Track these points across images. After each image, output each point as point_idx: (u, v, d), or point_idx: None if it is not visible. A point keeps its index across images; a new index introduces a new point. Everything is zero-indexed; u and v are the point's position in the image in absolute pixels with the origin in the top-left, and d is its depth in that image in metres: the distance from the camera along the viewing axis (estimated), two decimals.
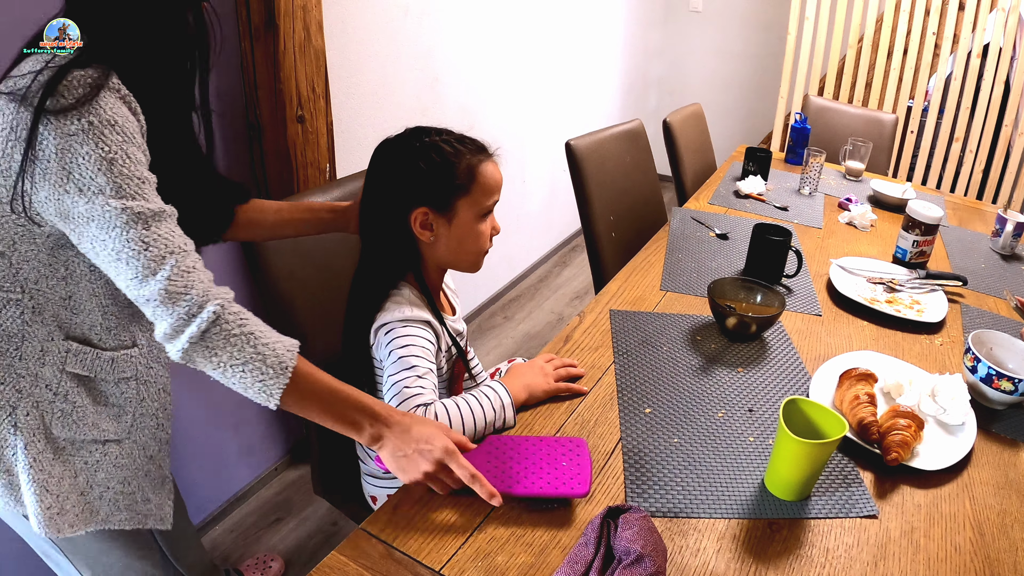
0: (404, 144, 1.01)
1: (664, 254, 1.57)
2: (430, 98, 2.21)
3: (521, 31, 2.67)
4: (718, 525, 0.84)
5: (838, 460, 0.96)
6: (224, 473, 1.78)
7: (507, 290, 3.06)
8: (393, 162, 1.01)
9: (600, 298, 1.35)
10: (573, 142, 1.73)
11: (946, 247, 1.80)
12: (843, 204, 2.00)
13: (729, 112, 4.10)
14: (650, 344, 1.20)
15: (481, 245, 1.05)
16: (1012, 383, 1.04)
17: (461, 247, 1.04)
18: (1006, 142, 3.22)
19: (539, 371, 1.06)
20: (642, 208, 1.99)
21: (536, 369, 1.06)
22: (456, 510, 0.82)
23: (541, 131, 3.02)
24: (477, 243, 1.05)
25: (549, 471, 0.85)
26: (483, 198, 1.01)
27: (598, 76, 3.49)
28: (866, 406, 1.00)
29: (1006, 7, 3.02)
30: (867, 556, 0.81)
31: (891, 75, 3.31)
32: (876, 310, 1.37)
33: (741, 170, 2.14)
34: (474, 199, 1.01)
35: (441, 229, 1.01)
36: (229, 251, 1.60)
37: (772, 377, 1.14)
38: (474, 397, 0.97)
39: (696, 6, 3.99)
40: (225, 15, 1.43)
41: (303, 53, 1.52)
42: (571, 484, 0.83)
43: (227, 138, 1.52)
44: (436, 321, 1.04)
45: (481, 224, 1.04)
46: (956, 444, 1.00)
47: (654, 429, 0.99)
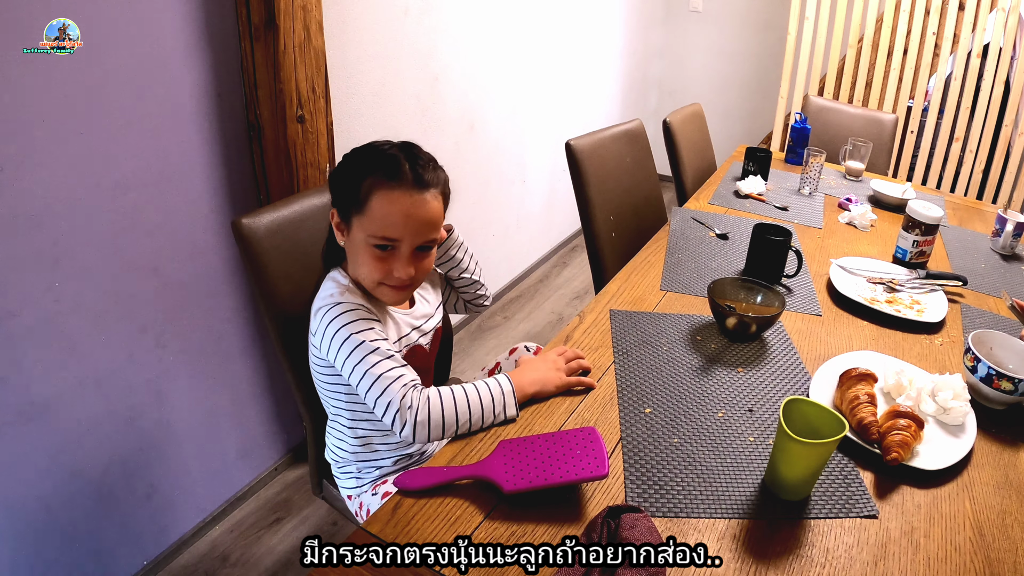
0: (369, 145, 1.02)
1: (664, 254, 1.57)
2: (430, 98, 2.21)
3: (521, 31, 2.67)
4: (718, 525, 0.84)
5: (838, 460, 0.96)
6: (224, 473, 1.78)
7: (507, 290, 3.06)
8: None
9: (600, 298, 1.35)
10: (573, 142, 1.73)
11: (946, 247, 1.80)
12: (843, 204, 2.00)
13: (729, 112, 4.11)
14: (650, 344, 1.20)
15: (369, 273, 1.00)
16: (1012, 383, 1.04)
17: (356, 265, 1.02)
18: (1006, 142, 3.22)
19: (551, 364, 1.05)
20: (642, 208, 1.99)
21: (548, 363, 1.05)
22: (456, 510, 0.82)
23: (541, 131, 3.02)
24: (366, 269, 1.00)
25: (566, 460, 0.85)
26: (372, 226, 0.97)
27: (598, 76, 3.49)
28: (866, 406, 1.00)
29: (1006, 7, 3.02)
30: (867, 556, 0.81)
31: (891, 75, 3.31)
32: (876, 310, 1.37)
33: (741, 170, 2.14)
34: (364, 224, 0.97)
35: (346, 237, 1.02)
36: (229, 253, 1.60)
37: (772, 377, 1.14)
38: (472, 385, 0.97)
39: (696, 6, 3.99)
40: (225, 15, 1.43)
41: (303, 53, 1.52)
42: (590, 468, 0.83)
43: (227, 138, 1.52)
44: (376, 310, 1.02)
45: (371, 252, 0.98)
46: (956, 444, 1.00)
47: (654, 429, 0.99)
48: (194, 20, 1.38)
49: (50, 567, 1.40)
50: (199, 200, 1.50)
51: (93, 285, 1.34)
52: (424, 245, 1.00)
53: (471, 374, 2.46)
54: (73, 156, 1.24)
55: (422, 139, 2.24)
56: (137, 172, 1.35)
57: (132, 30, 1.27)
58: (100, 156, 1.28)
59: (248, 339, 1.72)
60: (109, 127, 1.28)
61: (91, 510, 1.45)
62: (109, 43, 1.24)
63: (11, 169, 1.15)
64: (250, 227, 1.10)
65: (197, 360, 1.60)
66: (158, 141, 1.38)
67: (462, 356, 2.57)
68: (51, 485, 1.36)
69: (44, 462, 1.34)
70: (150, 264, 1.43)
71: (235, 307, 1.66)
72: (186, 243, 1.49)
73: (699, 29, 4.05)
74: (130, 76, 1.29)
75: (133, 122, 1.32)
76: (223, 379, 1.69)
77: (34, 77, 1.14)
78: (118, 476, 1.49)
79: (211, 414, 1.68)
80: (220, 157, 1.51)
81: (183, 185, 1.45)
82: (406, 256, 0.99)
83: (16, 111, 1.14)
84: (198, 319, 1.57)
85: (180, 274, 1.50)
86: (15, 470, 1.30)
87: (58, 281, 1.27)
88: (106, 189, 1.31)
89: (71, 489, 1.40)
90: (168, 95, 1.37)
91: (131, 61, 1.28)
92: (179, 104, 1.40)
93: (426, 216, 0.98)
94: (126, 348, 1.43)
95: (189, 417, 1.62)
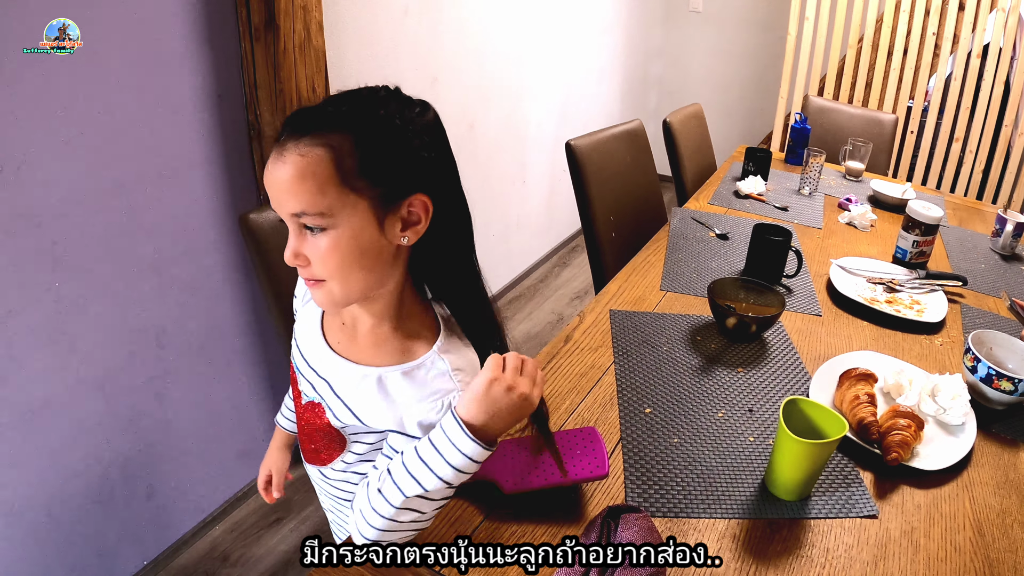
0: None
1: (664, 254, 1.57)
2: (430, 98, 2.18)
3: (521, 31, 2.67)
4: (718, 525, 0.84)
5: (838, 460, 0.96)
6: (224, 473, 1.78)
7: (507, 290, 3.06)
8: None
9: (600, 298, 1.35)
10: (573, 142, 1.73)
11: (946, 247, 1.80)
12: (843, 204, 2.00)
13: (729, 112, 4.11)
14: (650, 344, 1.20)
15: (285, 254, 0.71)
16: (1012, 383, 1.05)
17: None
18: (1006, 142, 3.22)
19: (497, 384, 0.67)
20: (642, 208, 1.99)
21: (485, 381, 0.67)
22: (456, 510, 0.83)
23: (541, 131, 3.02)
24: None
25: (566, 460, 0.85)
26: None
27: (598, 76, 3.49)
28: (866, 406, 1.00)
29: (1006, 7, 3.02)
30: (867, 556, 0.81)
31: (891, 75, 3.31)
32: (876, 310, 1.37)
33: (741, 170, 2.14)
34: None
35: None
36: (230, 253, 1.60)
37: (772, 377, 1.14)
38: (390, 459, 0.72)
39: (696, 6, 3.99)
40: (225, 15, 1.43)
41: (303, 53, 1.52)
42: (591, 468, 0.83)
43: (227, 138, 1.52)
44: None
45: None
46: (956, 444, 1.00)
47: (654, 429, 0.99)
48: (194, 20, 1.38)
49: (51, 567, 1.40)
50: (199, 200, 1.50)
51: (93, 285, 1.34)
52: (307, 222, 0.68)
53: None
54: (73, 156, 1.24)
55: None
56: (137, 172, 1.35)
57: (132, 30, 1.27)
58: (100, 156, 1.28)
59: (248, 339, 1.72)
60: (109, 127, 1.28)
61: (91, 510, 1.45)
62: (109, 43, 1.24)
63: (11, 169, 1.15)
64: (257, 222, 1.10)
65: (197, 360, 1.60)
66: (158, 141, 1.38)
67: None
68: (51, 485, 1.36)
69: (44, 462, 1.34)
70: (150, 264, 1.43)
71: (235, 307, 1.66)
72: (186, 243, 1.49)
73: (699, 29, 4.05)
74: (130, 76, 1.29)
75: (133, 122, 1.32)
76: (223, 379, 1.69)
77: (34, 77, 1.14)
78: (118, 476, 1.49)
79: (211, 414, 1.68)
80: (220, 157, 1.51)
81: (183, 185, 1.45)
82: (291, 233, 0.70)
83: (16, 111, 1.14)
84: (198, 319, 1.57)
85: (180, 274, 1.50)
86: (15, 470, 1.30)
87: (58, 281, 1.27)
88: (106, 189, 1.31)
89: (71, 489, 1.40)
90: (168, 95, 1.37)
91: (131, 61, 1.28)
92: (179, 104, 1.40)
93: (282, 177, 0.66)
94: (126, 348, 1.43)
95: (189, 417, 1.62)
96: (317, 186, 0.66)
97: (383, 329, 0.78)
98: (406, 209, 0.71)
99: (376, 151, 0.68)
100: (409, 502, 0.68)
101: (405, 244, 0.72)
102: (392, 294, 0.77)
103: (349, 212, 0.67)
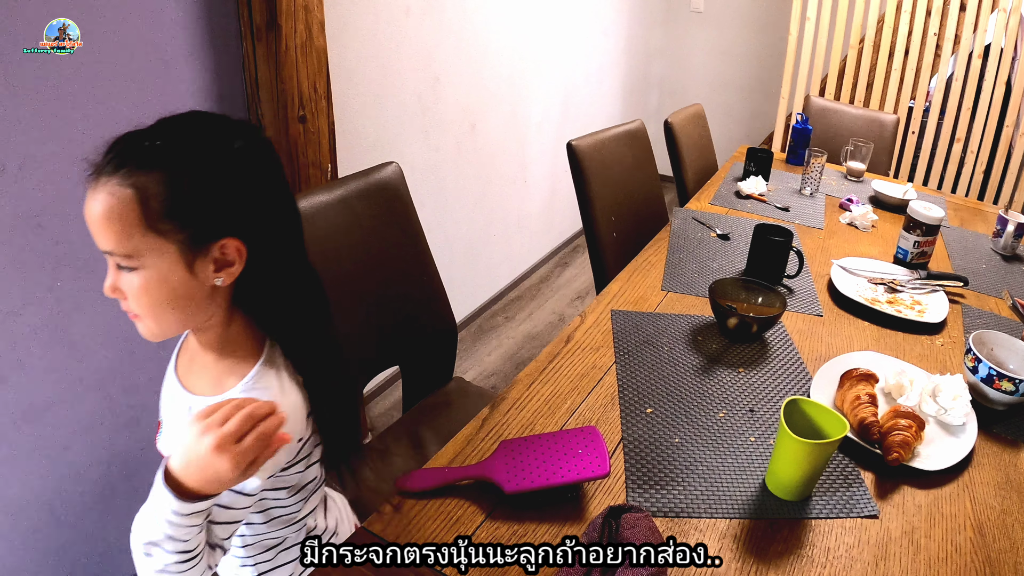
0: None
1: (665, 254, 1.57)
2: (430, 98, 2.21)
3: (523, 31, 2.67)
4: (719, 525, 0.84)
5: (839, 460, 0.96)
6: None
7: (508, 290, 3.06)
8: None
9: (601, 298, 1.35)
10: (575, 142, 1.73)
11: (947, 248, 1.80)
12: (844, 205, 2.00)
13: (730, 113, 4.11)
14: (651, 344, 1.20)
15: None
16: (1013, 383, 1.04)
17: None
18: (1007, 143, 3.22)
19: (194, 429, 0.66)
20: (643, 208, 1.99)
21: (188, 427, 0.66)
22: (457, 510, 0.83)
23: (542, 131, 3.02)
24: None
25: (567, 460, 0.85)
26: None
27: (599, 76, 3.49)
28: (867, 406, 1.00)
29: (1007, 8, 3.01)
30: (868, 556, 0.81)
31: (892, 76, 3.31)
32: (877, 310, 1.37)
33: (742, 170, 2.14)
34: None
35: None
36: None
37: (773, 377, 1.14)
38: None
39: (697, 7, 3.99)
40: (227, 15, 1.44)
41: (305, 53, 1.52)
42: (591, 468, 0.83)
43: None
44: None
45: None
46: (957, 444, 1.00)
47: (655, 429, 0.99)
48: (196, 20, 1.38)
49: (52, 566, 1.40)
50: None
51: (94, 285, 1.34)
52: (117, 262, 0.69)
53: (473, 373, 2.46)
54: (74, 156, 1.24)
55: (423, 139, 2.26)
56: None
57: (132, 30, 1.27)
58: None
59: None
60: (110, 127, 1.28)
61: (92, 510, 1.45)
62: (109, 43, 1.24)
63: (12, 169, 1.16)
64: None
65: None
66: None
67: (464, 356, 2.57)
68: (52, 485, 1.36)
69: (45, 462, 1.34)
70: None
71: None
72: None
73: (700, 29, 4.05)
74: (131, 76, 1.29)
75: (134, 122, 1.32)
76: None
77: (34, 77, 1.14)
78: (119, 476, 1.49)
79: None
80: None
81: None
82: (108, 266, 0.71)
83: (16, 111, 1.14)
84: None
85: None
86: (16, 470, 1.30)
87: (59, 281, 1.27)
88: None
89: (72, 489, 1.40)
90: (169, 95, 1.37)
91: (131, 61, 1.28)
92: (180, 104, 1.40)
93: (92, 213, 0.67)
94: (127, 347, 1.43)
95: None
96: (122, 228, 0.66)
97: (207, 358, 0.78)
98: (218, 251, 0.69)
99: (185, 192, 0.67)
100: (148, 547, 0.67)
101: (220, 285, 0.71)
102: (221, 324, 0.76)
103: (156, 256, 0.67)
